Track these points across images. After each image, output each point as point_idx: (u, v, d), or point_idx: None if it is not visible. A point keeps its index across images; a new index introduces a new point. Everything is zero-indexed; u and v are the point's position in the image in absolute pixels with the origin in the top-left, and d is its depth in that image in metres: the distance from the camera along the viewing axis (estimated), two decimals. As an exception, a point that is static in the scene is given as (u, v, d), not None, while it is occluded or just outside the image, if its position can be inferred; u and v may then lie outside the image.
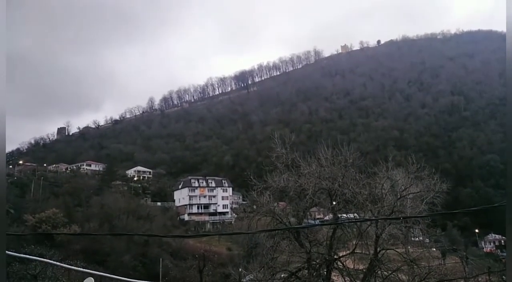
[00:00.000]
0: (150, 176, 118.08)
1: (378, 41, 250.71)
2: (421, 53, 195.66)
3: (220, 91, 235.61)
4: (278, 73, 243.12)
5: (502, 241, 65.73)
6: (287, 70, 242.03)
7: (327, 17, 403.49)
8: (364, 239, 24.00)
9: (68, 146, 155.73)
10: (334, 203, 25.58)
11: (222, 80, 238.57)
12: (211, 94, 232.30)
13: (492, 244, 65.44)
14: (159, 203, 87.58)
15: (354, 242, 24.45)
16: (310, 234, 24.51)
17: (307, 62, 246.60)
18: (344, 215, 27.35)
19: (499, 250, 59.79)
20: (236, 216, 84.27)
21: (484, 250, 60.26)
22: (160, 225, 59.02)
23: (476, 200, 76.60)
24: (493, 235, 66.82)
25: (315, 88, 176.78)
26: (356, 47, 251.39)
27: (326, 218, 29.89)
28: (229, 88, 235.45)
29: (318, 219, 32.30)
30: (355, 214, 27.75)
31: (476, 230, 57.63)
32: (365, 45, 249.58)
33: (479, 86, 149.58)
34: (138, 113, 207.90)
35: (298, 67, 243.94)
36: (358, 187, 25.51)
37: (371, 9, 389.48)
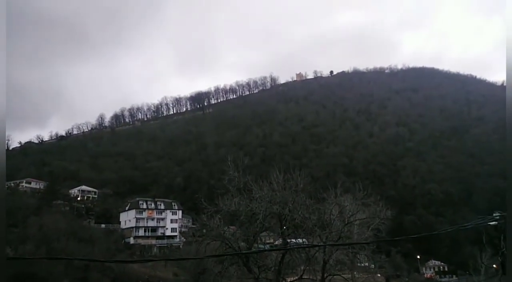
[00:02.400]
0: (96, 196, 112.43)
1: (331, 72, 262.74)
2: (370, 85, 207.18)
3: (174, 111, 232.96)
4: (234, 96, 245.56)
5: (441, 267, 69.12)
6: (243, 94, 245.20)
7: (285, 47, 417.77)
8: (312, 265, 24.29)
9: (7, 161, 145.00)
10: (284, 228, 25.80)
11: (177, 101, 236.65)
12: (165, 114, 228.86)
13: (432, 270, 68.54)
14: (103, 225, 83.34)
15: (302, 268, 24.66)
16: (259, 259, 24.42)
17: (263, 88, 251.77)
18: (294, 240, 27.60)
19: (438, 276, 62.73)
20: (184, 240, 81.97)
21: (425, 275, 62.99)
22: (103, 248, 55.97)
23: (418, 227, 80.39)
24: (433, 261, 70.13)
25: (270, 113, 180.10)
26: (310, 76, 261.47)
27: (276, 243, 29.97)
28: (184, 109, 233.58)
29: (268, 243, 32.17)
30: (304, 240, 28.10)
31: (418, 256, 60.29)
32: (318, 74, 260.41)
33: (422, 119, 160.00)
34: (87, 130, 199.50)
35: (255, 92, 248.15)
36: (307, 212, 26.00)
37: (327, 42, 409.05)
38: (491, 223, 23.72)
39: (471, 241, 56.27)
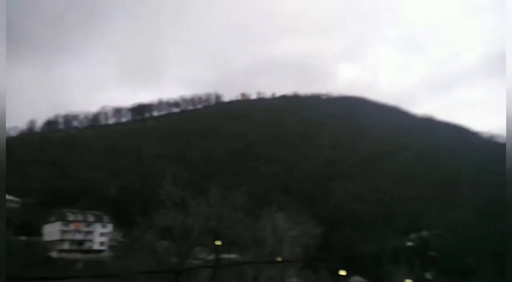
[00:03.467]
0: (17, 205, 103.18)
1: (273, 94, 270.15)
2: (308, 109, 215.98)
3: (114, 121, 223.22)
4: (178, 110, 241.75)
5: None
6: (187, 109, 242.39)
7: (230, 66, 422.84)
8: (243, 281, 24.40)
9: None
10: (218, 243, 25.72)
11: (118, 111, 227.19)
12: (103, 123, 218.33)
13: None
14: (23, 237, 76.48)
15: (233, 284, 24.65)
16: (191, 274, 23.99)
17: (208, 104, 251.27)
18: (227, 256, 27.59)
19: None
20: (113, 254, 77.82)
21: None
22: (21, 262, 51.12)
23: (345, 245, 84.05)
24: (356, 277, 73.73)
25: (213, 130, 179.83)
26: (254, 96, 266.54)
27: (210, 258, 29.82)
28: (125, 119, 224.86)
29: (201, 259, 31.88)
30: (237, 255, 28.20)
31: (343, 273, 62.85)
32: (261, 95, 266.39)
33: (354, 143, 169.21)
34: (15, 135, 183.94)
35: (198, 107, 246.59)
36: (243, 228, 26.22)
37: (271, 65, 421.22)
38: (408, 244, 25.69)
39: (391, 259, 59.88)
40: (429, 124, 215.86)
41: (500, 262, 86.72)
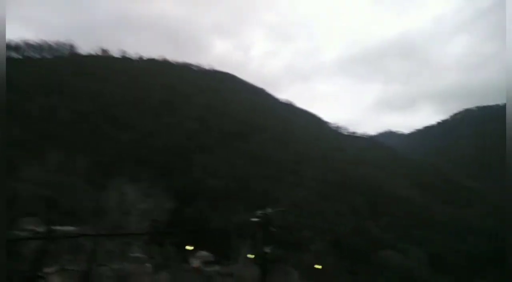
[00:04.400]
0: None
1: (140, 56, 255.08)
2: (177, 78, 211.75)
3: None
4: (19, 56, 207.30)
5: (208, 258, 76.49)
6: (32, 56, 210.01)
7: (92, 15, 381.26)
8: (79, 255, 22.94)
9: None
10: (52, 214, 23.47)
11: None
12: None
13: (199, 260, 75.25)
14: None
15: (67, 258, 22.98)
16: (14, 247, 21.40)
17: (59, 54, 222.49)
18: (62, 227, 25.43)
19: (204, 265, 69.62)
20: None
21: (193, 265, 68.71)
22: None
23: (197, 219, 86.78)
24: (202, 252, 77.15)
25: (61, 84, 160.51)
26: (117, 55, 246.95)
27: (40, 230, 27.05)
28: None
29: (29, 230, 28.63)
30: (75, 228, 26.25)
31: (189, 247, 64.95)
32: (126, 55, 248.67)
33: (218, 119, 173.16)
34: None
35: (47, 56, 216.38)
36: (83, 198, 24.45)
37: (139, 24, 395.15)
38: (254, 220, 27.62)
39: (237, 234, 64.32)
40: (289, 110, 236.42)
41: (331, 237, 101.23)
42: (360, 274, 75.14)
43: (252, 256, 50.19)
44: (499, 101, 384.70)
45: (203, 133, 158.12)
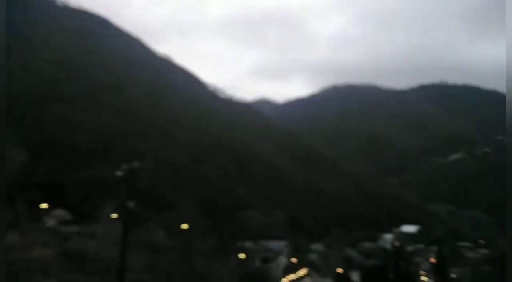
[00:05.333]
0: None
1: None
2: (39, 13, 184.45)
3: None
4: None
5: (66, 217, 72.67)
6: None
7: None
8: None
9: None
10: None
11: None
12: None
13: (55, 219, 70.70)
14: None
15: None
16: None
17: None
18: None
19: (61, 225, 65.84)
20: None
21: (47, 225, 64.10)
22: None
23: (53, 176, 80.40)
24: (59, 210, 72.66)
25: None
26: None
27: None
28: None
29: None
30: None
31: (44, 205, 60.54)
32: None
33: (83, 66, 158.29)
34: None
35: None
36: None
37: None
38: (118, 174, 27.52)
39: (101, 191, 62.33)
40: (166, 65, 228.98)
41: (199, 197, 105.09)
42: (225, 232, 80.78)
43: (116, 216, 49.73)
44: (364, 80, 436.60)
45: (65, 81, 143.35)
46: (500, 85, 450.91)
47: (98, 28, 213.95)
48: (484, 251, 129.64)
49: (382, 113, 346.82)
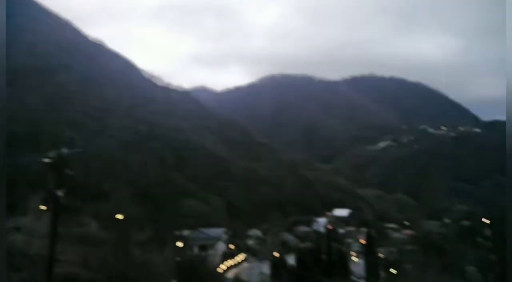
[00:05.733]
0: None
1: None
2: None
3: None
4: None
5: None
6: None
7: None
8: None
9: None
10: None
11: None
12: None
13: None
14: None
15: None
16: None
17: None
18: None
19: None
20: None
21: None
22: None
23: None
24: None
25: None
26: None
27: None
28: None
29: None
30: None
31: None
32: None
33: (6, 48, 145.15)
34: None
35: None
36: None
37: None
38: (45, 160, 25.70)
39: (27, 181, 58.18)
40: (99, 50, 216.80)
41: (135, 186, 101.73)
42: (162, 222, 79.23)
43: (44, 207, 46.49)
44: (300, 71, 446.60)
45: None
46: (423, 78, 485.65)
47: (22, 8, 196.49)
48: (408, 231, 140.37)
49: (316, 103, 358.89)
